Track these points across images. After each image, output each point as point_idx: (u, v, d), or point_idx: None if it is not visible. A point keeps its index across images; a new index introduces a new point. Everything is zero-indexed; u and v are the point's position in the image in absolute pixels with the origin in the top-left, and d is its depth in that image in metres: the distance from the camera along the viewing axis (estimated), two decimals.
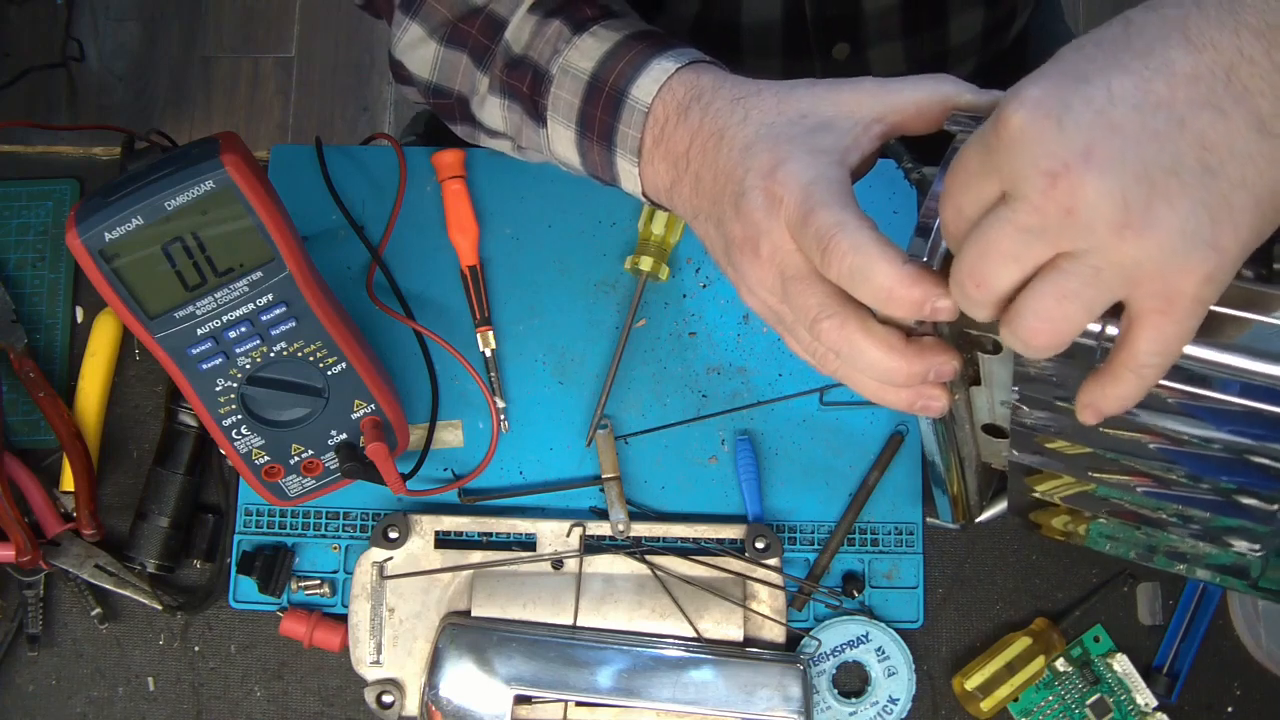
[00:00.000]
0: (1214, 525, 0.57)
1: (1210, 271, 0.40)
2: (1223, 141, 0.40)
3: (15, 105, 1.91)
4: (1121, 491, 0.58)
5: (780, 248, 0.51)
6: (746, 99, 0.56)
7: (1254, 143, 0.40)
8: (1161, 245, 0.40)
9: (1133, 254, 0.40)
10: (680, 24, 0.84)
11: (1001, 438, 0.62)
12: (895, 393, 0.52)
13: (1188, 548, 0.62)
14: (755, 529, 0.78)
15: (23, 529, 0.75)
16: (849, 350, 0.50)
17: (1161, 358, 0.43)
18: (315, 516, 0.80)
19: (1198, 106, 0.40)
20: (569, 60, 0.63)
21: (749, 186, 0.52)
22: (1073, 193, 0.40)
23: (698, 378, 0.81)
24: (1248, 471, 0.50)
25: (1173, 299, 0.41)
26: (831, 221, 0.49)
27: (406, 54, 0.71)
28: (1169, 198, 0.40)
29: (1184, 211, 0.40)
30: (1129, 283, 0.41)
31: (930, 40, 0.87)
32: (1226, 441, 0.49)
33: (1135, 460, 0.54)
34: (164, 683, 0.79)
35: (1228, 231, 0.40)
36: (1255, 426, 0.47)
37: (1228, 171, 0.40)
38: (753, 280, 0.54)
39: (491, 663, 0.74)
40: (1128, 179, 0.39)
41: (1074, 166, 0.39)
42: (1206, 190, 0.40)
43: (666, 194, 0.60)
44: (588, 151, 0.63)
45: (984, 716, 0.75)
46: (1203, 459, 0.51)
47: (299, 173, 0.82)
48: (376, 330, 0.80)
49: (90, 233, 0.62)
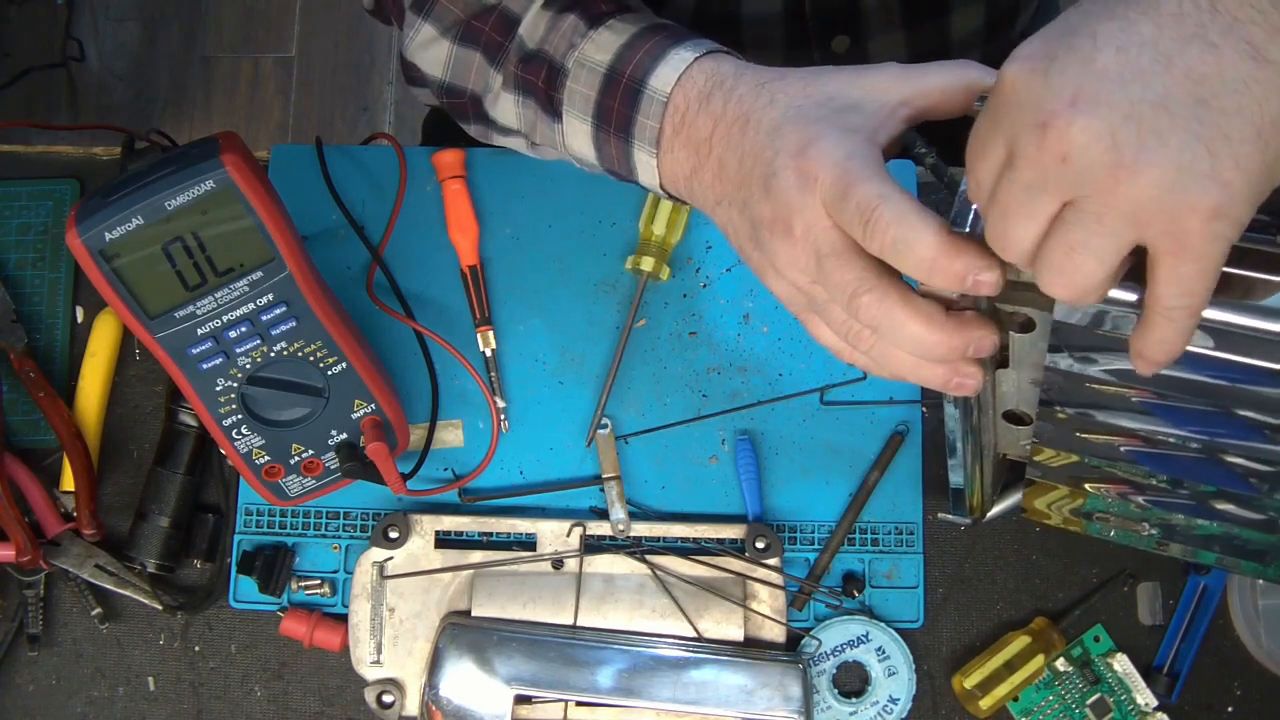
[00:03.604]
0: (1201, 491, 0.57)
1: (1215, 205, 0.40)
2: (1213, 73, 0.40)
3: (15, 105, 1.92)
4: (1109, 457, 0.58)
5: (814, 225, 0.51)
6: (771, 84, 0.56)
7: (1248, 70, 0.39)
8: (1158, 181, 0.40)
9: (1131, 194, 0.40)
10: (680, 17, 0.84)
11: (1022, 425, 0.62)
12: (932, 368, 0.52)
13: (1181, 521, 0.62)
14: (755, 529, 0.78)
15: (23, 529, 0.75)
16: (888, 324, 0.50)
17: (1185, 298, 0.42)
18: (315, 516, 0.80)
19: (1184, 41, 0.40)
20: (585, 54, 0.63)
21: (779, 167, 0.52)
22: (1063, 139, 0.40)
23: (698, 378, 0.81)
24: (1229, 424, 0.50)
25: (1181, 237, 0.40)
26: (873, 194, 0.49)
27: (419, 54, 0.71)
28: (1160, 133, 0.39)
29: (1177, 145, 0.39)
30: (1136, 225, 0.41)
31: (931, 34, 0.87)
32: (1209, 386, 0.49)
33: (1121, 417, 0.54)
34: (164, 683, 0.79)
35: (1228, 163, 0.39)
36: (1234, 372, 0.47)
37: (1222, 103, 0.39)
38: (783, 261, 0.54)
39: (491, 663, 0.74)
40: (1115, 119, 0.40)
41: (1061, 114, 0.40)
42: (1200, 123, 0.39)
43: (686, 183, 0.60)
44: (604, 144, 0.63)
45: (983, 715, 0.75)
46: (1185, 413, 0.51)
47: (299, 173, 0.82)
48: (376, 330, 0.80)
49: (90, 233, 0.62)
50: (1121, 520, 0.67)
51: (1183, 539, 0.66)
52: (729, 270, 0.82)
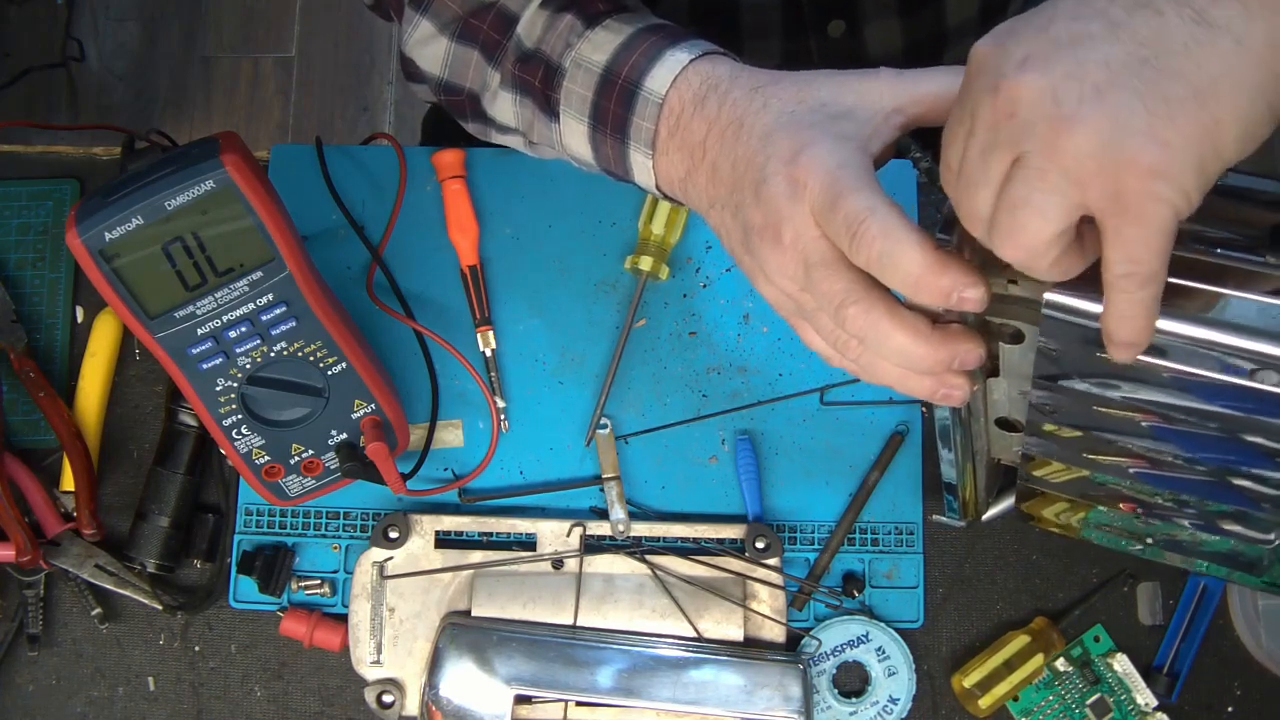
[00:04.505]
0: (1209, 509, 0.57)
1: (1153, 164, 0.40)
2: (1156, 36, 0.40)
3: (15, 105, 1.92)
4: (1117, 477, 0.58)
5: (803, 234, 0.51)
6: (765, 88, 0.56)
7: (1189, 33, 0.40)
8: (1094, 135, 0.40)
9: (1069, 147, 0.41)
10: (678, 5, 0.84)
11: (1014, 432, 0.62)
12: (918, 380, 0.52)
13: (1186, 536, 0.62)
14: (755, 529, 0.78)
15: (23, 529, 0.75)
16: (874, 335, 0.51)
17: (1131, 264, 0.42)
18: (315, 516, 0.80)
19: (1132, 9, 0.41)
20: (581, 54, 0.63)
21: (770, 173, 0.52)
22: (1010, 97, 0.42)
23: (698, 378, 0.81)
24: (1240, 451, 0.50)
25: (1121, 197, 0.41)
26: (861, 206, 0.49)
27: (417, 51, 0.71)
28: (1099, 90, 0.40)
29: (1114, 102, 0.40)
30: (1076, 184, 0.41)
31: (927, 20, 0.87)
32: (1220, 415, 0.49)
33: (1129, 440, 0.54)
34: (164, 683, 0.79)
35: (1164, 123, 0.40)
36: (1247, 402, 0.47)
37: (1164, 64, 0.40)
38: (772, 268, 0.54)
39: (491, 663, 0.74)
40: (1058, 76, 0.41)
41: (1010, 74, 0.42)
42: (1141, 80, 0.40)
43: (681, 185, 0.60)
44: (600, 145, 0.63)
45: (983, 714, 0.75)
46: (1195, 438, 0.51)
47: (299, 173, 0.82)
48: (376, 330, 0.80)
49: (90, 233, 0.62)
50: (1124, 533, 0.67)
51: (1186, 552, 0.66)
52: (729, 270, 0.82)
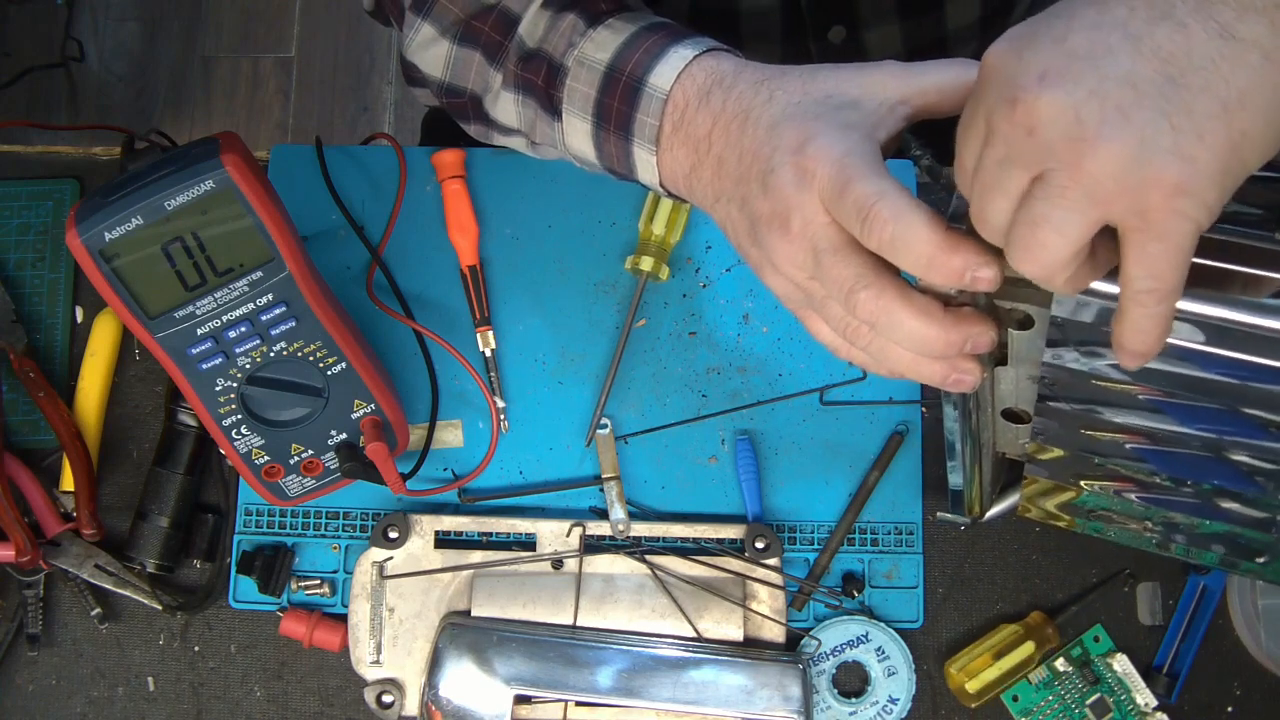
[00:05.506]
0: (1206, 489, 0.57)
1: (1179, 181, 0.40)
2: (1181, 51, 0.40)
3: (15, 105, 1.92)
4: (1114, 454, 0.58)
5: (812, 221, 0.52)
6: (770, 81, 0.56)
7: (1216, 48, 0.40)
8: (1119, 155, 0.40)
9: (1093, 168, 0.40)
10: (678, 9, 0.84)
11: (1021, 423, 0.62)
12: (930, 364, 0.52)
13: (1183, 519, 0.62)
14: (755, 529, 0.78)
15: (23, 529, 0.75)
16: (886, 320, 0.51)
17: (1153, 280, 0.42)
18: (315, 516, 0.80)
19: (1154, 21, 0.40)
20: (584, 53, 0.63)
21: (777, 163, 0.53)
22: (1030, 113, 0.41)
23: (698, 378, 0.81)
24: (1237, 422, 0.50)
25: (1146, 213, 0.41)
26: (871, 190, 0.49)
27: (418, 54, 0.71)
28: (1123, 109, 0.40)
29: (1140, 121, 0.40)
30: (1099, 202, 0.41)
31: (927, 25, 0.88)
32: (1216, 384, 0.49)
33: (1127, 415, 0.54)
34: (164, 683, 0.79)
35: (1191, 139, 0.40)
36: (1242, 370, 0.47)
37: (1189, 80, 0.40)
38: (781, 257, 0.54)
39: (491, 663, 0.74)
40: (1080, 94, 0.40)
41: (1030, 88, 0.41)
42: (1165, 99, 0.40)
43: (685, 180, 0.60)
44: (604, 143, 0.63)
45: (974, 702, 0.75)
46: (1192, 410, 0.51)
47: (299, 173, 0.82)
48: (376, 330, 0.80)
49: (90, 233, 0.62)
50: (1123, 518, 0.67)
51: (1184, 537, 0.66)
52: (729, 270, 0.82)
